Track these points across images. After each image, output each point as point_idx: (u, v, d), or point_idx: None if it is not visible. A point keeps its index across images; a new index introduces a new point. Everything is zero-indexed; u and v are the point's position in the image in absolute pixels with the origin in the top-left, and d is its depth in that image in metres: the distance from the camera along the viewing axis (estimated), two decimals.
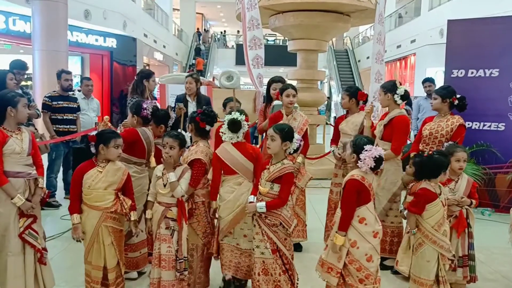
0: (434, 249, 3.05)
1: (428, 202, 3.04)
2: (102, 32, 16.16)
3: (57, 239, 4.48)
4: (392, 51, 20.75)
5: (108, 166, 3.00)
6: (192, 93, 5.46)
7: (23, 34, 12.32)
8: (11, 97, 3.00)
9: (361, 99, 4.32)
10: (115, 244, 3.02)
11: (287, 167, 2.93)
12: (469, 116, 5.48)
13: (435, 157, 3.07)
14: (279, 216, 2.93)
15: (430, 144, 4.04)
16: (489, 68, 6.09)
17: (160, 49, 22.66)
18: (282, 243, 2.95)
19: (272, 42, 30.05)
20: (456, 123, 3.97)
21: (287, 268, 2.96)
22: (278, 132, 2.94)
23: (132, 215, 3.08)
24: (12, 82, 4.90)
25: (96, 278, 3.00)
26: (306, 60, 9.17)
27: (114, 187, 2.99)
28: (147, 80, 5.15)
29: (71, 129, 5.79)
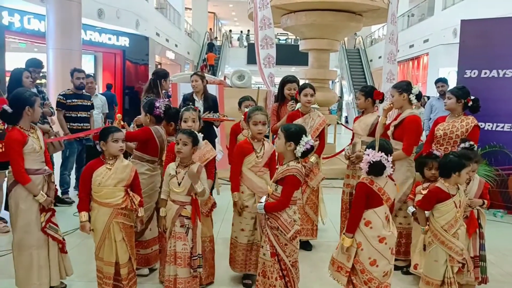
0: (442, 250, 3.04)
1: (439, 201, 3.03)
2: (115, 31, 16.31)
3: (70, 235, 4.54)
4: (404, 51, 20.61)
5: (117, 163, 3.04)
6: (199, 91, 5.33)
7: (37, 33, 12.47)
8: (28, 97, 3.10)
9: (377, 99, 4.22)
10: (126, 240, 3.05)
11: (290, 169, 2.84)
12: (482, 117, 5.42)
13: (450, 157, 3.05)
14: (277, 219, 2.86)
15: (444, 144, 4.02)
16: (502, 69, 6.03)
17: (172, 48, 22.76)
18: (282, 248, 2.86)
19: (283, 41, 29.98)
20: (471, 124, 3.96)
21: (284, 274, 2.87)
22: (283, 131, 2.89)
23: (140, 211, 3.11)
24: (28, 80, 4.97)
25: (108, 274, 3.04)
26: (317, 59, 9.16)
27: (124, 184, 3.03)
28: (165, 80, 5.19)
29: (85, 127, 5.85)
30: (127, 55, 17.35)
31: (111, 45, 16.55)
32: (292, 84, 4.67)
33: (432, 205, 3.06)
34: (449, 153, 3.14)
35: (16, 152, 3.00)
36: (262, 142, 3.38)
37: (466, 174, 3.05)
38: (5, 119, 3.07)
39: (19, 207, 3.05)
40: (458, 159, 3.01)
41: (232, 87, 8.03)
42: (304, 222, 4.26)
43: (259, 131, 3.31)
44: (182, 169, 3.07)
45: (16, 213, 3.06)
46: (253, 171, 3.34)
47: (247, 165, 3.34)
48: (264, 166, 3.37)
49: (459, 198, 3.05)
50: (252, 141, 3.38)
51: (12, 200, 3.08)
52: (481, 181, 3.46)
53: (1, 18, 11.45)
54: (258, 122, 3.31)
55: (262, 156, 3.34)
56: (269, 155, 3.38)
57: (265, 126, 3.33)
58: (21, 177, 3.02)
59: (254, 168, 3.33)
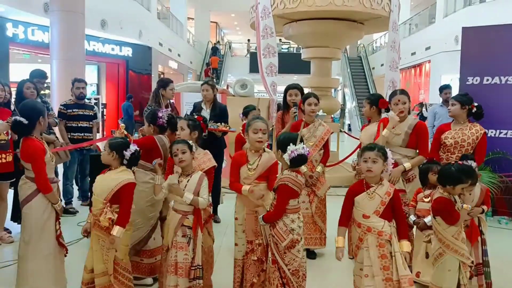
0: (455, 258, 3.00)
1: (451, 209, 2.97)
2: (118, 41, 16.44)
3: (74, 245, 4.54)
4: (406, 58, 20.66)
5: (107, 174, 3.04)
6: (209, 100, 5.37)
7: (41, 44, 12.59)
8: (42, 107, 3.23)
9: (383, 107, 4.16)
10: (102, 253, 2.99)
11: (283, 178, 2.84)
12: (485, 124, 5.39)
13: (450, 169, 3.00)
14: (273, 228, 2.86)
15: (456, 153, 4.02)
16: (505, 75, 6.04)
17: (175, 57, 22.89)
18: (280, 256, 2.83)
19: (286, 50, 30.09)
20: (480, 131, 3.99)
21: (284, 282, 2.83)
22: (277, 140, 2.95)
23: (114, 229, 2.88)
24: (29, 91, 4.97)
25: (83, 279, 3.07)
26: (320, 67, 9.18)
27: (103, 196, 2.95)
28: (163, 89, 5.21)
29: (86, 137, 5.84)
30: (130, 65, 17.47)
31: (114, 55, 16.67)
32: (293, 90, 4.67)
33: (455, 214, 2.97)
34: (452, 164, 3.08)
35: (43, 161, 3.08)
36: (260, 153, 3.19)
37: (461, 189, 2.99)
38: (20, 130, 3.10)
39: (41, 217, 3.09)
40: (458, 173, 2.95)
41: (235, 96, 8.06)
42: (313, 231, 4.26)
43: (259, 139, 3.12)
44: (184, 178, 3.08)
45: (37, 223, 3.08)
46: (245, 183, 3.16)
47: (241, 177, 3.20)
48: (260, 179, 3.16)
49: (461, 205, 3.02)
50: (249, 152, 3.22)
51: (31, 211, 3.08)
52: (482, 190, 3.44)
53: (6, 29, 11.57)
54: (258, 130, 3.13)
55: (255, 169, 3.14)
56: (265, 167, 3.15)
57: (265, 134, 3.15)
58: (47, 186, 3.09)
59: (246, 180, 3.16)
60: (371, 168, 2.76)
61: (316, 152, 4.24)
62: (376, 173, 2.77)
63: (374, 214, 2.74)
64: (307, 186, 4.21)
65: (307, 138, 4.24)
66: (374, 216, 2.74)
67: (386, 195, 2.75)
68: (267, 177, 3.15)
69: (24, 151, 3.07)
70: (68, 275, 3.80)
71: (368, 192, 2.78)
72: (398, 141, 3.90)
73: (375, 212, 2.74)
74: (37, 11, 11.31)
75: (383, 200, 2.74)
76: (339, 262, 3.76)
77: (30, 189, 3.09)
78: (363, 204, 2.78)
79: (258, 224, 3.06)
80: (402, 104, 3.85)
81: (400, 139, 3.88)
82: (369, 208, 2.75)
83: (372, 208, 2.75)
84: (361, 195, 2.80)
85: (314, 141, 4.24)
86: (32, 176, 3.09)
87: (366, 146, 2.89)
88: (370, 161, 2.77)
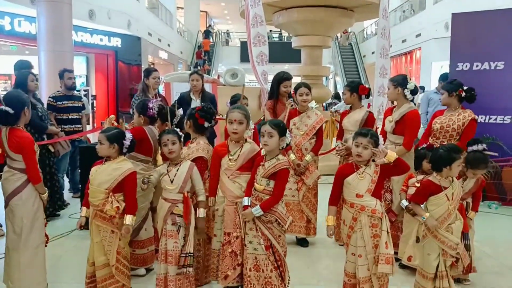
0: (435, 244, 3.04)
1: (432, 194, 3.03)
2: (107, 32, 16.25)
3: (65, 238, 4.53)
4: (397, 46, 20.65)
5: (107, 164, 3.04)
6: (198, 90, 5.37)
7: (28, 35, 12.41)
8: (26, 98, 3.22)
9: (362, 93, 4.27)
10: (104, 244, 3.01)
11: (282, 163, 2.91)
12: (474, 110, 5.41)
13: (440, 152, 3.04)
14: (274, 213, 2.91)
15: (440, 138, 4.04)
16: (494, 61, 6.07)
17: (165, 47, 22.70)
18: (276, 239, 2.93)
19: (276, 39, 29.98)
20: (468, 118, 3.98)
21: (278, 265, 2.94)
22: (276, 128, 2.91)
23: (126, 218, 3.00)
24: (34, 83, 4.95)
25: (86, 272, 3.10)
26: (310, 56, 9.16)
27: (105, 186, 2.98)
28: (147, 78, 5.20)
29: (77, 129, 5.80)
30: (119, 56, 17.29)
31: (103, 46, 16.48)
32: (288, 82, 4.60)
33: (425, 198, 3.06)
34: (439, 148, 3.12)
35: (34, 151, 3.11)
36: (242, 144, 3.16)
37: (458, 167, 3.04)
38: (5, 120, 3.06)
39: (32, 208, 3.11)
40: (448, 153, 2.99)
41: (225, 85, 8.02)
42: (297, 219, 4.27)
43: (234, 130, 3.08)
44: (173, 167, 3.08)
45: (29, 214, 3.10)
46: (226, 174, 3.14)
47: (222, 168, 3.18)
48: (242, 170, 3.12)
49: (452, 191, 3.03)
50: (230, 142, 3.19)
51: (22, 202, 3.08)
52: (478, 179, 3.48)
53: None
54: (233, 120, 3.08)
55: (236, 160, 3.12)
56: (247, 158, 3.12)
57: (242, 125, 3.08)
58: (38, 176, 3.13)
59: (227, 171, 3.13)
60: (360, 154, 2.85)
61: (306, 141, 4.23)
62: (364, 158, 2.87)
63: (367, 193, 2.83)
64: (296, 175, 4.22)
65: (298, 126, 4.24)
66: (367, 195, 2.83)
67: (375, 174, 2.85)
68: (250, 168, 3.12)
69: (14, 142, 3.05)
70: (61, 267, 3.82)
71: (358, 172, 2.87)
72: (388, 128, 3.93)
73: (367, 190, 2.83)
74: (23, 2, 11.13)
75: (373, 178, 2.84)
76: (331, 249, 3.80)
77: (19, 181, 3.09)
78: (355, 184, 2.86)
79: (237, 216, 3.07)
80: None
81: (390, 126, 3.92)
82: (362, 187, 2.84)
83: (365, 187, 2.84)
84: (352, 176, 2.88)
85: (305, 130, 4.24)
86: (20, 167, 3.08)
87: (360, 132, 2.93)
88: (362, 146, 2.84)
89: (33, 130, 4.68)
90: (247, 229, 2.99)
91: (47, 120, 5.17)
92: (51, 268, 3.52)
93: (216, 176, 3.21)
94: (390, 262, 2.75)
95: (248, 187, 3.05)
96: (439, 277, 3.05)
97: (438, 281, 3.05)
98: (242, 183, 3.12)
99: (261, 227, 2.92)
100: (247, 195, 3.02)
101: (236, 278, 3.09)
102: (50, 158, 5.16)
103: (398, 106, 3.98)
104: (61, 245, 4.34)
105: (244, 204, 2.98)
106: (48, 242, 3.33)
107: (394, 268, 2.79)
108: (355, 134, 2.97)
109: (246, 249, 2.99)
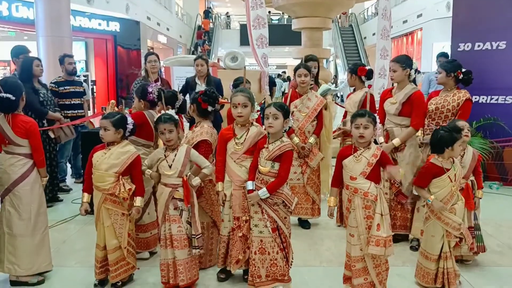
0: (439, 225, 3.06)
1: (434, 176, 3.04)
2: (105, 16, 16.11)
3: (69, 222, 4.56)
4: (398, 27, 20.46)
5: (114, 148, 3.06)
6: (203, 75, 5.39)
7: (26, 21, 12.31)
8: (21, 85, 3.24)
9: (361, 74, 4.35)
10: (115, 227, 3.06)
11: (286, 144, 2.92)
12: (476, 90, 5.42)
13: (440, 133, 3.03)
14: (281, 194, 2.93)
15: (436, 119, 4.01)
16: (496, 41, 6.02)
17: (164, 32, 22.52)
18: (282, 221, 2.96)
19: (276, 22, 29.71)
20: (462, 98, 3.94)
21: (284, 247, 2.97)
22: (281, 110, 2.92)
23: (137, 200, 3.10)
24: (39, 68, 4.97)
25: (96, 257, 3.12)
26: (310, 38, 9.08)
27: (115, 170, 3.02)
28: (145, 62, 5.21)
29: (79, 114, 5.80)
30: (118, 41, 17.17)
31: (102, 31, 16.37)
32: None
33: (428, 181, 3.07)
34: (439, 129, 3.10)
35: (39, 136, 3.21)
36: (248, 127, 3.15)
37: (460, 147, 3.05)
38: (6, 106, 3.06)
39: (38, 192, 3.21)
40: (449, 133, 2.99)
41: (225, 69, 7.98)
42: (303, 201, 4.29)
43: (239, 114, 3.07)
44: (170, 152, 3.09)
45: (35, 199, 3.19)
46: (232, 158, 3.13)
47: (228, 152, 3.18)
48: (248, 154, 3.11)
49: (454, 172, 3.05)
50: (236, 126, 3.18)
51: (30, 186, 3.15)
52: (474, 153, 3.47)
53: None
54: (237, 104, 3.07)
55: (243, 143, 3.10)
56: (253, 141, 3.10)
57: (246, 108, 3.07)
58: (43, 160, 3.23)
59: (233, 155, 3.13)
60: (363, 134, 2.84)
61: (309, 123, 4.23)
62: (367, 138, 2.86)
63: (361, 176, 2.83)
64: (300, 157, 4.23)
65: (300, 109, 4.23)
66: (360, 178, 2.83)
67: (373, 157, 2.83)
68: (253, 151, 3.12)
69: (20, 127, 3.08)
70: (65, 251, 3.86)
71: (355, 155, 2.87)
72: (392, 110, 3.89)
73: (361, 173, 2.83)
74: None
75: (370, 162, 2.83)
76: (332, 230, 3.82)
77: (26, 166, 3.13)
78: (351, 167, 2.87)
79: (245, 200, 3.08)
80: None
81: (394, 108, 3.87)
82: (356, 170, 2.85)
83: (359, 170, 2.84)
84: (349, 158, 2.89)
85: (307, 112, 4.23)
86: (26, 152, 3.13)
87: (357, 113, 2.93)
88: (362, 127, 2.84)
89: (33, 115, 4.67)
90: (252, 213, 3.00)
91: (51, 106, 5.16)
92: (55, 252, 3.57)
93: (223, 161, 3.20)
94: (381, 245, 2.76)
95: (251, 171, 3.06)
96: (443, 258, 3.07)
97: (442, 262, 3.08)
98: (248, 166, 3.12)
99: (267, 210, 2.93)
100: (250, 179, 3.03)
101: (246, 261, 3.13)
102: (51, 144, 5.17)
103: (400, 87, 3.92)
104: (65, 230, 4.37)
105: (249, 189, 2.98)
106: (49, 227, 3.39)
107: (391, 249, 2.80)
108: (352, 116, 2.96)
109: (251, 233, 3.01)
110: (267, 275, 2.97)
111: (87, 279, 3.25)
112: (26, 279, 3.19)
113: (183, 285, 3.05)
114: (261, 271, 2.97)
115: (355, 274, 2.89)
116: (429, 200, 3.04)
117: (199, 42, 25.05)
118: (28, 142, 3.12)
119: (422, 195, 3.15)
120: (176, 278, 3.05)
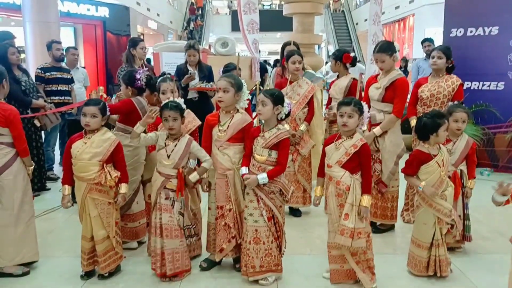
0: (430, 212, 3.04)
1: (422, 163, 3.02)
2: (94, 1, 15.81)
3: (57, 211, 4.49)
4: (390, 13, 20.36)
5: (94, 136, 2.98)
6: (194, 64, 5.34)
7: (13, 6, 12.04)
8: (3, 70, 3.15)
9: (346, 62, 4.26)
10: (102, 217, 3.00)
11: (283, 132, 2.90)
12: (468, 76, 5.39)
13: (424, 120, 3.02)
14: (278, 183, 2.92)
15: (432, 106, 3.98)
16: (488, 26, 5.97)
17: (154, 17, 22.23)
18: (278, 210, 2.96)
19: (268, 7, 29.47)
20: (456, 83, 3.95)
21: (278, 235, 2.98)
22: (269, 97, 2.88)
23: (122, 187, 3.05)
24: (15, 56, 4.82)
25: (83, 249, 3.05)
26: (302, 23, 8.98)
27: (99, 158, 2.95)
28: (134, 48, 5.09)
29: (66, 101, 5.69)
30: (107, 26, 16.87)
31: (91, 16, 16.06)
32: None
33: (416, 168, 3.04)
34: (422, 116, 3.09)
35: (21, 123, 3.11)
36: (232, 114, 3.07)
37: (444, 132, 3.02)
38: None
39: (22, 182, 3.12)
40: (432, 120, 2.97)
41: (216, 55, 7.88)
42: (294, 190, 4.25)
43: (219, 99, 3.01)
44: (172, 142, 3.04)
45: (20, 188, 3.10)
46: (216, 146, 3.08)
47: (213, 139, 3.13)
48: (232, 141, 3.05)
49: (441, 157, 3.03)
50: (221, 112, 3.12)
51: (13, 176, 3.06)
52: (468, 141, 3.43)
53: None
54: (219, 89, 3.01)
55: (225, 130, 3.04)
56: (237, 128, 3.03)
57: (227, 93, 2.98)
58: (27, 149, 3.13)
59: (216, 142, 3.08)
60: (346, 123, 2.83)
61: (300, 111, 4.17)
62: (351, 127, 2.84)
63: (337, 164, 2.84)
64: (290, 145, 4.17)
65: (290, 96, 4.17)
66: (336, 166, 2.84)
67: (352, 148, 2.82)
68: (240, 139, 3.07)
69: (8, 115, 2.99)
70: (53, 241, 3.80)
71: (336, 143, 2.87)
72: (376, 96, 3.81)
73: (337, 162, 2.84)
74: None
75: (348, 151, 2.81)
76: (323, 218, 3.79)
77: (8, 155, 3.05)
78: (330, 155, 2.88)
79: (229, 189, 3.04)
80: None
81: (378, 93, 3.78)
82: (333, 158, 2.86)
83: (336, 158, 2.84)
84: (330, 146, 2.90)
85: (298, 99, 4.17)
86: (7, 141, 3.04)
87: (343, 101, 2.91)
88: (346, 115, 2.82)
89: (17, 105, 4.56)
90: (247, 202, 2.97)
91: (34, 93, 5.04)
92: (42, 242, 3.51)
93: (209, 148, 3.15)
94: (346, 235, 2.77)
95: (245, 159, 3.01)
96: (435, 246, 3.06)
97: (434, 249, 3.07)
98: (231, 154, 3.05)
99: (264, 198, 2.91)
100: (244, 165, 2.97)
101: (232, 250, 3.10)
102: (36, 132, 5.07)
103: (386, 72, 3.81)
104: (52, 219, 4.31)
105: (243, 173, 2.93)
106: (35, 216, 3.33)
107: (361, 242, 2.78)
108: (338, 104, 2.93)
109: (245, 222, 2.98)
110: (261, 265, 2.97)
111: (74, 270, 3.19)
112: (11, 270, 3.13)
113: (170, 274, 3.03)
114: (255, 261, 2.96)
115: (330, 259, 2.98)
116: (420, 187, 3.01)
117: (192, 17, 24.76)
118: (8, 131, 3.02)
119: (412, 183, 3.13)
120: (163, 267, 3.03)
